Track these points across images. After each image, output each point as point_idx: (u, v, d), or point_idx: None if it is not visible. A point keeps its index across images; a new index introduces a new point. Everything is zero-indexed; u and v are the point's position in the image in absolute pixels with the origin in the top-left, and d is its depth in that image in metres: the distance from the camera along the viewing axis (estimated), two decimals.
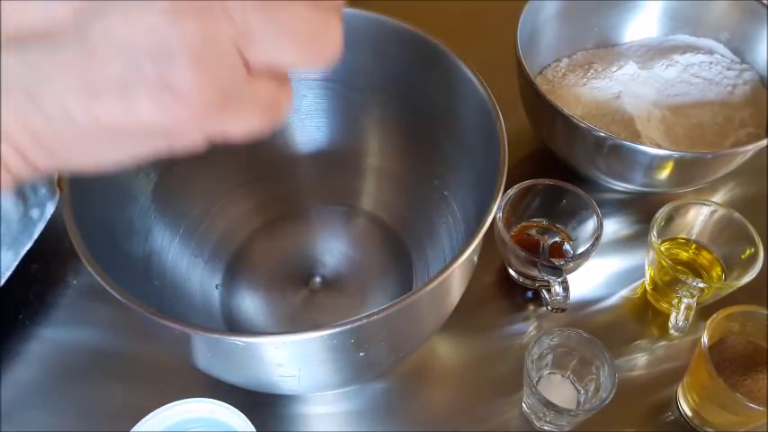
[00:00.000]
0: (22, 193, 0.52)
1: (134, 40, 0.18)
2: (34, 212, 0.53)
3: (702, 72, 0.65)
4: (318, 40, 0.21)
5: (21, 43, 0.18)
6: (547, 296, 0.53)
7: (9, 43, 0.18)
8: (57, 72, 0.19)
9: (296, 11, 0.20)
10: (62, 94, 0.19)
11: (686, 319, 0.52)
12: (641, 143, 0.56)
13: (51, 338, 0.55)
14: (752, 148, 0.54)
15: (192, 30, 0.18)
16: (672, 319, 0.53)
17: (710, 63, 0.65)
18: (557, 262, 0.53)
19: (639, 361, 0.54)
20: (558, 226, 0.59)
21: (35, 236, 0.53)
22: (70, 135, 0.20)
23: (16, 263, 0.52)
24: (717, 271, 0.56)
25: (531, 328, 0.56)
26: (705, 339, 0.46)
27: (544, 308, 0.55)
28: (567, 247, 0.58)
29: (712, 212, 0.55)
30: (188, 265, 0.55)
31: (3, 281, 0.51)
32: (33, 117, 0.19)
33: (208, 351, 0.40)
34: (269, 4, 0.19)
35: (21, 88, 0.19)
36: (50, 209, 0.54)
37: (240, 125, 0.21)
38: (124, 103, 0.19)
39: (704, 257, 0.57)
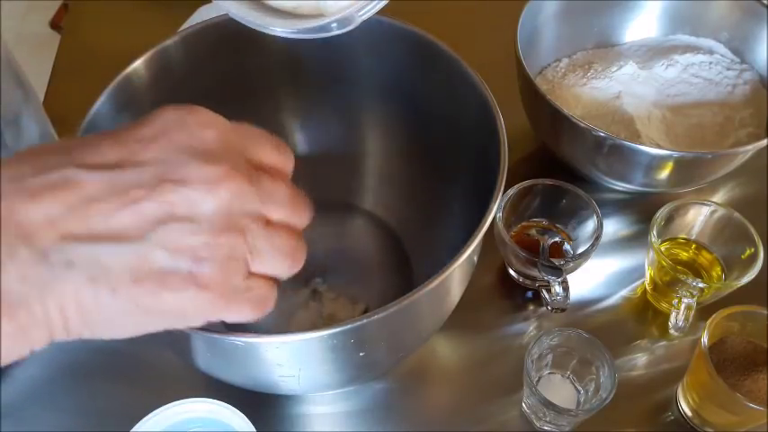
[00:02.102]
0: None
1: (179, 245, 0.25)
2: None
3: (702, 72, 0.65)
4: (296, 255, 0.30)
5: (94, 240, 0.25)
6: (547, 296, 0.53)
7: (84, 238, 0.24)
8: (115, 263, 0.25)
9: (284, 236, 0.29)
10: (114, 281, 0.25)
11: (686, 319, 0.52)
12: (641, 143, 0.56)
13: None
14: (752, 148, 0.54)
15: (222, 244, 0.26)
16: (672, 319, 0.53)
17: (710, 63, 0.65)
18: (557, 262, 0.53)
19: (639, 361, 0.54)
20: (558, 226, 0.59)
21: None
22: (109, 311, 0.25)
23: None
24: (717, 271, 0.56)
25: (531, 328, 0.56)
26: (705, 339, 0.46)
27: (544, 308, 0.55)
28: (567, 247, 0.58)
29: (712, 212, 0.55)
30: None
31: None
32: (87, 295, 0.25)
33: (208, 351, 0.40)
34: (269, 232, 0.28)
35: (84, 272, 0.24)
36: None
37: (236, 315, 0.28)
38: (161, 289, 0.25)
39: (704, 257, 0.57)
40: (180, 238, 0.25)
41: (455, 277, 0.41)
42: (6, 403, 0.51)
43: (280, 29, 0.33)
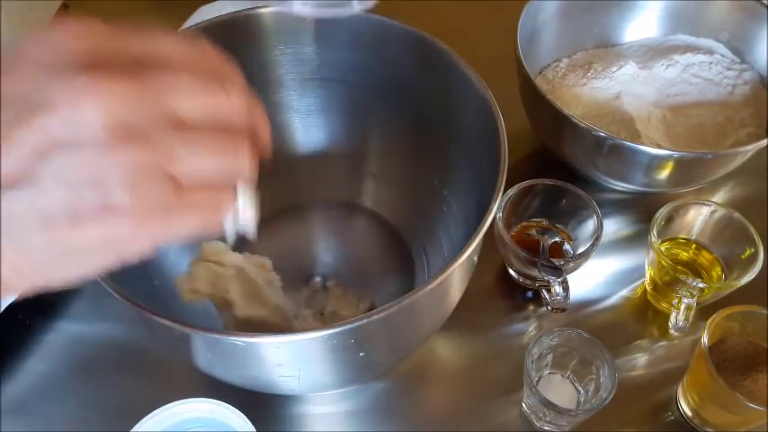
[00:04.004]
0: None
1: (75, 174, 0.22)
2: None
3: (702, 72, 0.65)
4: (226, 146, 0.25)
5: None
6: (547, 296, 0.53)
7: None
8: (20, 210, 0.23)
9: (205, 130, 0.24)
10: (26, 228, 0.23)
11: (686, 319, 0.52)
12: (641, 143, 0.56)
13: (50, 336, 0.55)
14: (752, 148, 0.54)
15: (122, 160, 0.22)
16: (672, 319, 0.53)
17: (710, 63, 0.65)
18: (557, 262, 0.53)
19: (639, 361, 0.54)
20: (558, 226, 0.59)
21: None
22: (36, 260, 0.24)
23: None
24: (717, 271, 0.56)
25: (531, 328, 0.56)
26: (705, 339, 0.46)
27: (544, 308, 0.55)
28: (567, 247, 0.58)
29: (712, 212, 0.55)
30: (188, 265, 0.54)
31: None
32: (6, 251, 0.23)
33: (208, 351, 0.40)
34: (182, 130, 0.24)
35: None
36: None
37: (182, 228, 0.25)
38: (74, 228, 0.23)
39: (704, 257, 0.57)
40: (71, 168, 0.22)
41: (455, 277, 0.41)
42: (11, 399, 0.51)
43: (302, 6, 0.33)
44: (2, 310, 0.51)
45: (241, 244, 0.58)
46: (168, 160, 0.23)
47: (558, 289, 0.52)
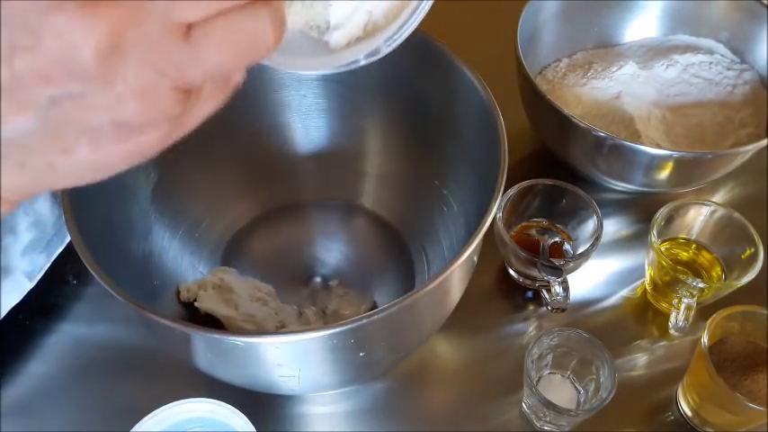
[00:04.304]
0: (57, 196, 0.52)
1: (86, 107, 0.21)
2: None
3: (702, 72, 0.65)
4: (241, 47, 0.22)
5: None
6: (547, 296, 0.53)
7: None
8: (37, 143, 0.22)
9: (214, 37, 0.22)
10: (45, 155, 0.22)
11: (686, 319, 0.52)
12: (641, 143, 0.56)
13: (52, 338, 0.55)
14: (752, 148, 0.54)
15: (127, 79, 0.21)
16: (672, 319, 0.53)
17: (710, 63, 0.65)
18: (557, 262, 0.53)
19: (639, 361, 0.54)
20: (558, 226, 0.59)
21: (68, 238, 0.54)
22: (59, 179, 0.23)
23: (48, 264, 0.53)
24: (717, 271, 0.56)
25: (531, 328, 0.56)
26: (705, 339, 0.46)
27: (544, 308, 0.55)
28: (567, 247, 0.58)
29: (712, 212, 0.55)
30: (188, 265, 0.55)
31: (35, 282, 0.52)
32: (24, 178, 0.23)
33: (208, 351, 0.40)
34: (189, 40, 0.22)
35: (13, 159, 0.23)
36: None
37: (197, 120, 0.24)
38: (99, 152, 0.22)
39: (704, 257, 0.57)
40: (78, 101, 0.21)
41: (455, 277, 0.41)
42: (12, 401, 0.51)
43: (315, 71, 0.33)
44: (3, 315, 0.51)
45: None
46: (177, 76, 0.22)
47: (558, 289, 0.52)
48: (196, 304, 0.52)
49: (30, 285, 0.52)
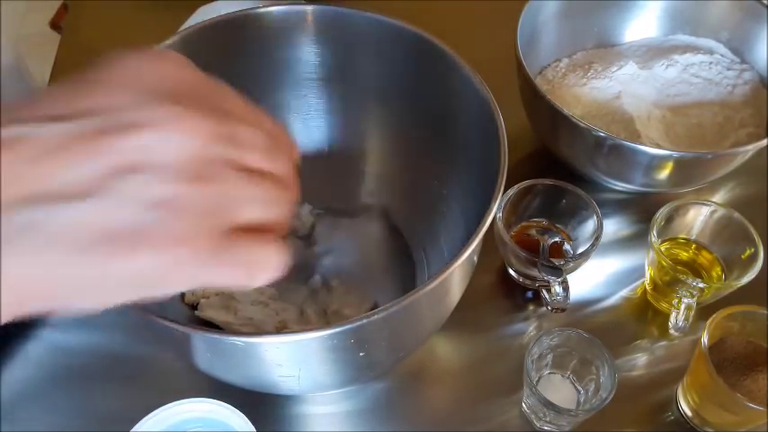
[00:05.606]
0: None
1: (146, 199, 0.22)
2: None
3: (702, 72, 0.65)
4: (281, 202, 0.26)
5: (44, 200, 0.21)
6: (547, 296, 0.53)
7: (33, 198, 0.21)
8: (73, 224, 0.21)
9: (267, 184, 0.25)
10: (75, 243, 0.21)
11: (686, 319, 0.52)
12: (641, 143, 0.56)
13: (51, 339, 0.54)
14: (752, 148, 0.54)
15: (194, 194, 0.23)
16: (672, 319, 0.53)
17: (710, 63, 0.65)
18: (557, 262, 0.53)
19: (639, 361, 0.54)
20: (558, 226, 0.59)
21: None
22: (72, 283, 0.22)
23: None
24: (717, 271, 0.56)
25: (531, 328, 0.56)
26: (705, 339, 0.46)
27: (544, 308, 0.55)
28: (567, 247, 0.58)
29: (712, 212, 0.55)
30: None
31: None
32: (46, 263, 0.21)
33: (208, 351, 0.40)
34: (249, 180, 0.24)
35: (40, 238, 0.21)
36: None
37: (228, 278, 0.25)
38: (130, 251, 0.22)
39: (704, 257, 0.57)
40: (144, 190, 0.22)
41: (455, 277, 0.41)
42: (6, 404, 0.51)
43: None
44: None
45: None
46: (235, 206, 0.24)
47: (558, 289, 0.52)
48: (196, 313, 0.52)
49: None
